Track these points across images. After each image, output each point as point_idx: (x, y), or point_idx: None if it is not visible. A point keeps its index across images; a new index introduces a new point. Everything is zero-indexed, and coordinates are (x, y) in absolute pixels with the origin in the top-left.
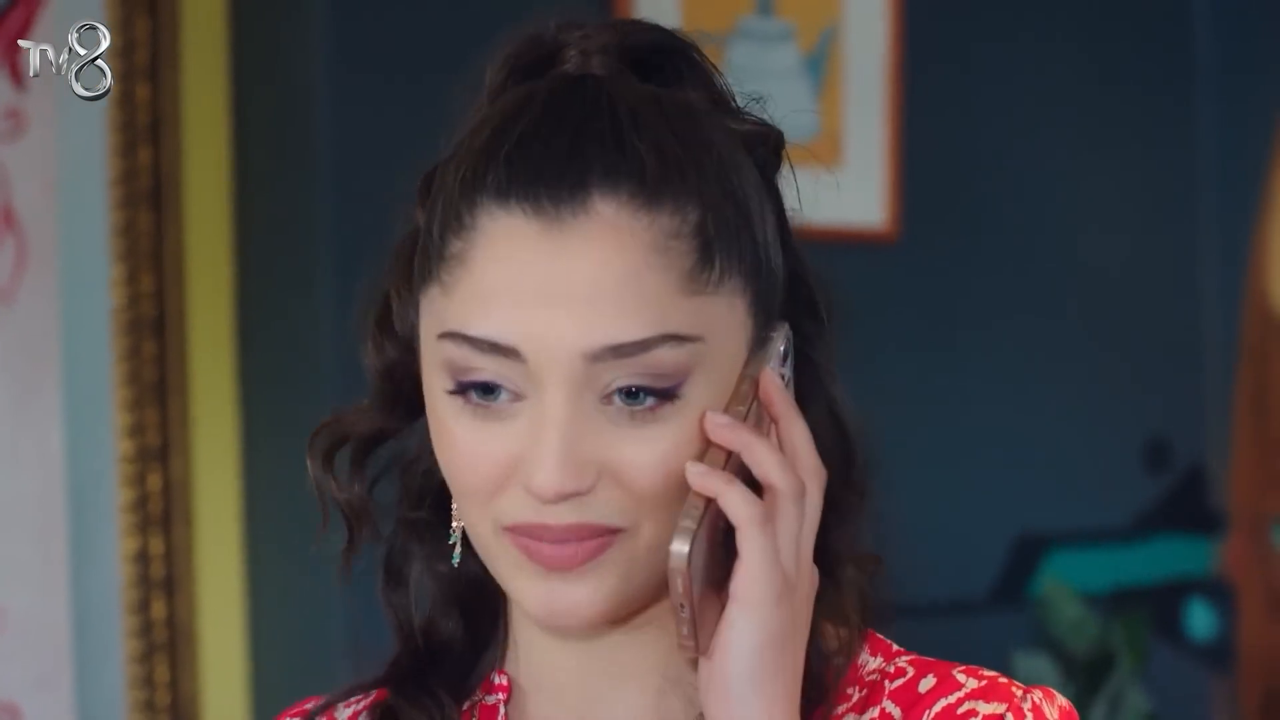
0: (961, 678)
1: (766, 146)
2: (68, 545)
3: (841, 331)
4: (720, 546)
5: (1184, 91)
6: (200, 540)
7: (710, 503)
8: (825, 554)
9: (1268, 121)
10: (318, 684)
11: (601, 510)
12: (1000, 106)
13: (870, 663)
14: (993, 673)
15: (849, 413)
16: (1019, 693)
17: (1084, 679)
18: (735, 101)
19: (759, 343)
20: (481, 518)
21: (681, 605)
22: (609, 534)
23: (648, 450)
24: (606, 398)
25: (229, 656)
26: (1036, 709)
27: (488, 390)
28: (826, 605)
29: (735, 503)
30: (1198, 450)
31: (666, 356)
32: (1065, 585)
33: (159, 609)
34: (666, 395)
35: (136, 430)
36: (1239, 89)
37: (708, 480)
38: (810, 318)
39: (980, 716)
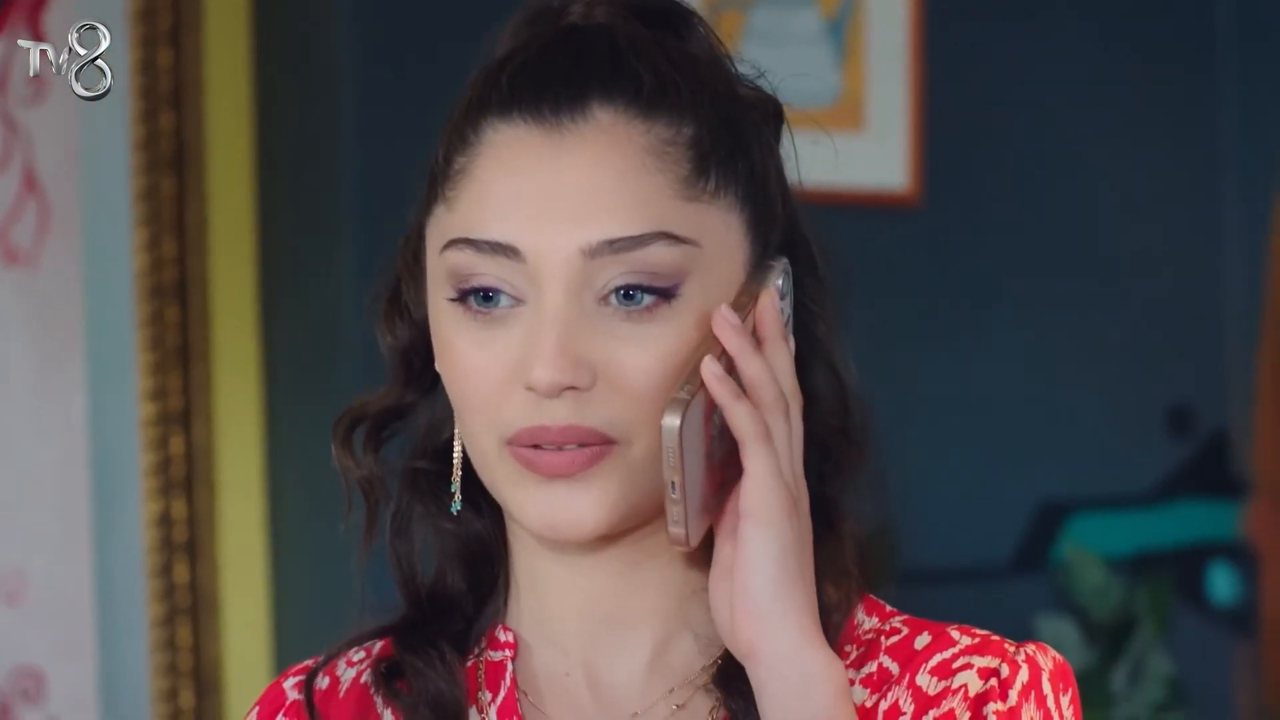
0: (956, 635)
1: (765, 112)
2: (90, 510)
3: (845, 292)
4: (715, 444)
5: (1206, 57)
6: (223, 504)
7: (702, 388)
8: (823, 504)
9: None
10: None
11: (598, 414)
12: (1022, 71)
13: (866, 622)
14: (985, 631)
15: (846, 368)
16: (1012, 648)
17: (1107, 643)
18: (735, 69)
19: (758, 269)
20: (485, 432)
21: (672, 484)
22: (605, 443)
23: (643, 350)
24: (604, 299)
25: (252, 620)
26: (1031, 660)
27: (488, 298)
28: (826, 560)
29: (741, 416)
30: (1221, 415)
31: (662, 255)
32: (1088, 550)
33: (182, 573)
34: (663, 295)
35: (159, 395)
36: (1261, 57)
37: (721, 386)
38: (811, 274)
39: (975, 669)
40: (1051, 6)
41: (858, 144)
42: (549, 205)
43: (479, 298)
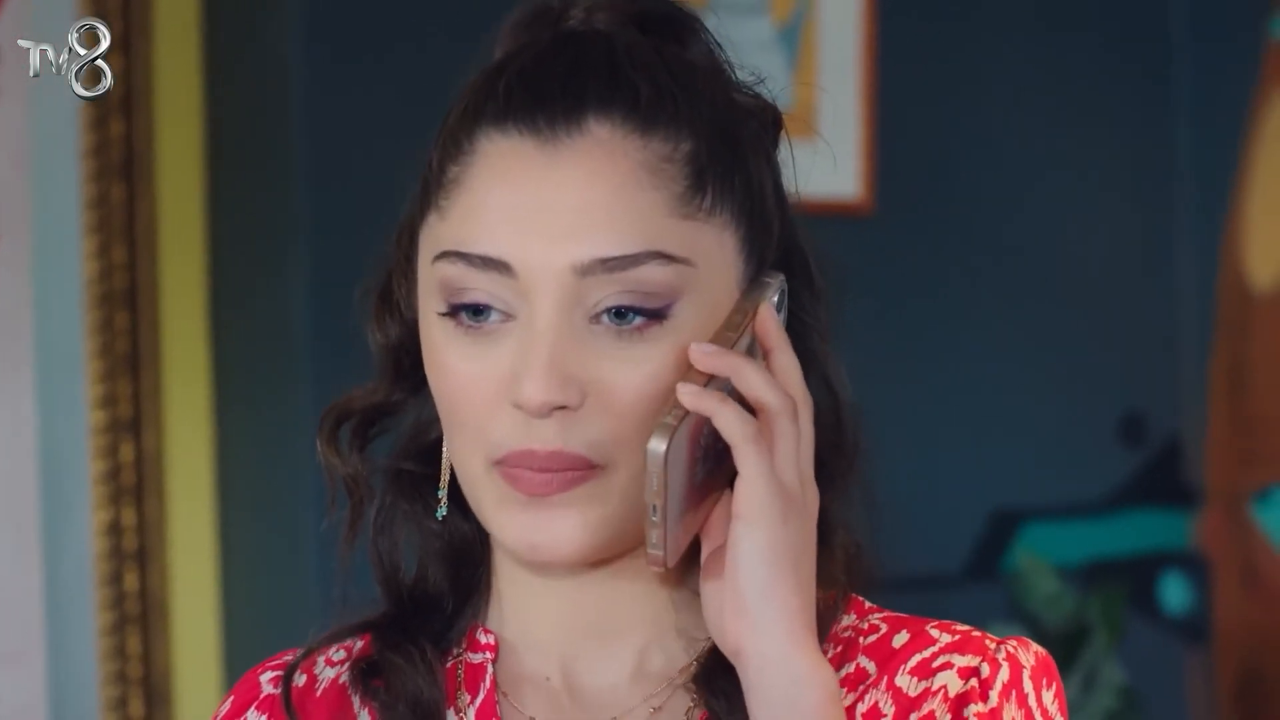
0: (935, 633)
1: (763, 120)
2: (39, 518)
3: (837, 305)
4: (699, 466)
5: (1160, 65)
6: (173, 512)
7: (689, 413)
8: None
9: (1243, 95)
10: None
11: (586, 436)
12: (976, 80)
13: (844, 620)
14: (966, 627)
15: (842, 382)
16: (992, 645)
17: (1059, 652)
18: (735, 75)
19: (754, 285)
20: (473, 452)
21: (653, 507)
22: (588, 468)
23: (634, 370)
24: (595, 318)
25: (202, 628)
26: (1011, 657)
27: (478, 312)
28: (816, 568)
29: (730, 420)
30: (1173, 424)
31: (655, 274)
32: (1040, 559)
33: (131, 581)
34: (655, 315)
35: (109, 402)
36: (1214, 62)
37: (701, 400)
38: (806, 287)
39: (955, 669)
40: (1005, 15)
41: (809, 153)
42: (541, 220)
43: (469, 312)
